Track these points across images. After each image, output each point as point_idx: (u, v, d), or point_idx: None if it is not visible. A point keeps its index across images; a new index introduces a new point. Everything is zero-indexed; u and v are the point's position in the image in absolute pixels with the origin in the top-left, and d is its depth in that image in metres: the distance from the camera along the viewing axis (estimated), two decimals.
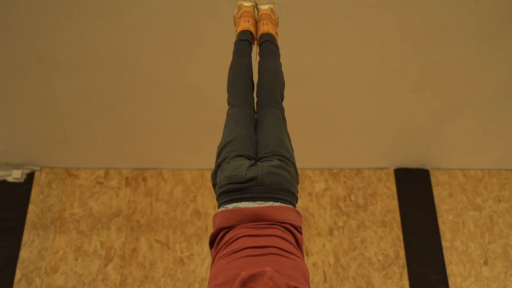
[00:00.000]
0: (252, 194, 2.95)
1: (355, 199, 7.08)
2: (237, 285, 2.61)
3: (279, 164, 3.04)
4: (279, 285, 2.61)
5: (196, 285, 6.58)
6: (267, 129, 3.23)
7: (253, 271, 2.64)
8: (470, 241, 6.84)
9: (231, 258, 2.79)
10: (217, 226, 2.95)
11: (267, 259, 2.77)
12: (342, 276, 6.64)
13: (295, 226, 2.96)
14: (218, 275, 2.76)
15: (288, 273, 2.72)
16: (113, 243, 6.80)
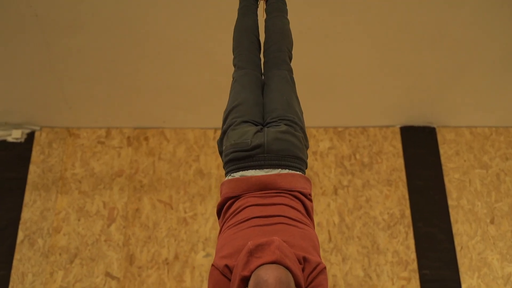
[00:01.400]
0: (259, 162, 2.85)
1: (360, 158, 6.98)
2: (243, 255, 2.53)
3: (286, 129, 2.92)
4: (287, 254, 2.53)
5: (200, 245, 6.53)
6: (275, 92, 3.10)
7: (260, 240, 2.56)
8: (476, 200, 6.76)
9: (238, 228, 2.71)
10: (224, 195, 2.86)
11: (275, 228, 2.69)
12: (347, 235, 6.58)
13: (304, 194, 2.87)
14: (224, 245, 2.68)
15: (297, 243, 2.64)
16: (115, 203, 6.73)
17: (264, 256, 2.51)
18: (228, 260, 2.59)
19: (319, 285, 2.60)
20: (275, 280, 2.40)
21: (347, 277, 6.37)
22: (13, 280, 6.34)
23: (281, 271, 2.45)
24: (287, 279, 2.44)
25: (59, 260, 6.45)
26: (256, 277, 2.44)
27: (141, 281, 6.36)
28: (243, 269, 2.50)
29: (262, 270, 2.45)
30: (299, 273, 2.52)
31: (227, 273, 2.57)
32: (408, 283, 6.36)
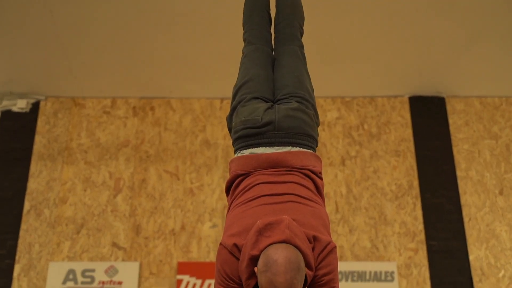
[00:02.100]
0: (269, 139, 2.79)
1: (368, 128, 6.91)
2: (252, 234, 2.49)
3: (297, 106, 2.85)
4: (297, 233, 2.49)
5: (206, 215, 6.51)
6: (285, 68, 3.02)
7: (269, 219, 2.51)
8: (485, 171, 6.70)
9: (247, 207, 2.66)
10: (233, 172, 2.80)
11: (285, 207, 2.63)
12: (354, 206, 6.55)
13: (315, 172, 2.82)
14: (233, 224, 2.63)
15: (307, 221, 2.59)
16: (121, 173, 6.70)
17: (274, 235, 2.47)
18: (237, 239, 2.54)
19: (329, 264, 2.56)
20: (285, 260, 2.36)
21: (354, 248, 6.36)
22: (20, 250, 6.34)
23: (291, 250, 2.41)
24: (297, 259, 2.39)
25: (66, 230, 6.45)
26: (265, 257, 2.40)
27: (148, 252, 6.36)
28: (252, 248, 2.46)
29: (271, 250, 2.41)
30: (309, 252, 2.48)
31: (236, 252, 2.53)
32: (415, 254, 6.34)
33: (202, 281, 6.20)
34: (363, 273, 6.25)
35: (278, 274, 2.34)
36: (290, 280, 2.35)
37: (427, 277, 6.24)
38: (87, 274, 6.25)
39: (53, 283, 6.20)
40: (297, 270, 2.37)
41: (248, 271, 2.48)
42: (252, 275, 2.48)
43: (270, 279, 2.35)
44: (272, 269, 2.35)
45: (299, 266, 2.38)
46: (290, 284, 2.35)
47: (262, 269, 2.38)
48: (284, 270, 2.35)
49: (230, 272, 2.54)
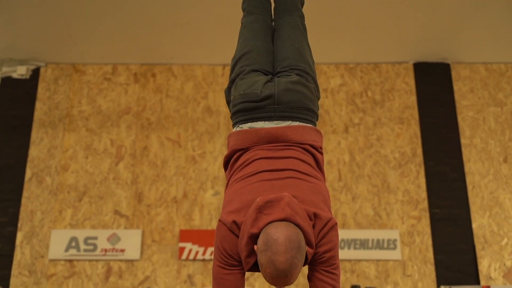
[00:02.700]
0: (269, 113, 2.72)
1: (372, 95, 6.83)
2: (252, 212, 2.45)
3: (297, 79, 2.78)
4: (297, 211, 2.44)
5: (208, 183, 6.48)
6: (286, 40, 2.93)
7: (269, 196, 2.46)
8: (490, 138, 6.64)
9: (246, 182, 2.61)
10: (231, 147, 2.74)
11: (285, 183, 2.58)
12: (357, 174, 6.51)
13: (315, 147, 2.75)
14: (232, 200, 2.59)
15: (307, 198, 2.54)
16: (123, 141, 6.66)
17: (274, 213, 2.42)
18: (236, 216, 2.50)
19: (330, 241, 2.52)
20: (285, 239, 2.32)
21: (356, 216, 6.34)
22: (22, 218, 6.34)
23: (291, 229, 2.36)
24: (298, 238, 2.35)
25: (68, 198, 6.43)
26: (265, 236, 2.36)
27: (150, 219, 6.35)
28: (252, 226, 2.42)
29: (271, 229, 2.36)
30: (309, 230, 2.44)
31: (235, 229, 2.49)
32: (418, 222, 6.32)
33: (205, 248, 6.20)
34: (365, 241, 6.24)
35: (278, 254, 2.30)
36: (291, 259, 2.31)
37: (429, 245, 6.23)
38: (90, 241, 6.25)
39: (55, 251, 6.21)
40: (298, 249, 2.33)
41: (248, 249, 2.44)
42: (251, 253, 2.44)
43: (271, 258, 2.31)
44: (273, 248, 2.31)
45: (299, 245, 2.34)
46: (291, 263, 2.31)
47: (262, 248, 2.34)
48: (285, 250, 2.31)
49: (230, 249, 2.50)
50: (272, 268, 2.32)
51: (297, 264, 2.34)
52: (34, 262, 6.19)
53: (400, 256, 6.19)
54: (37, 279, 6.13)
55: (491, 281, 6.08)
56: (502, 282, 6.08)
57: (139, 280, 6.13)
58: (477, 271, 6.11)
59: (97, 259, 6.21)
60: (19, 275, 6.14)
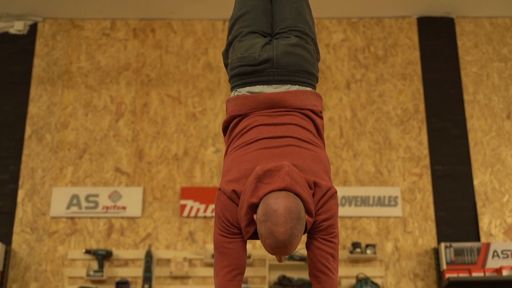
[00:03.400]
0: (267, 77, 2.66)
1: (375, 51, 6.73)
2: (252, 181, 2.42)
3: (297, 42, 2.70)
4: (297, 180, 2.41)
5: (209, 140, 6.45)
6: (284, 0, 2.84)
7: (269, 166, 2.42)
8: (493, 94, 6.57)
9: (245, 150, 2.57)
10: (230, 113, 2.69)
11: (284, 151, 2.54)
12: (359, 131, 6.47)
13: (315, 112, 2.70)
14: (231, 168, 2.55)
15: (307, 166, 2.50)
16: (123, 98, 6.60)
17: (273, 182, 2.39)
18: (236, 185, 2.47)
19: (329, 210, 2.49)
20: (285, 210, 2.30)
21: (358, 173, 6.32)
22: (23, 175, 6.34)
23: (291, 199, 2.34)
24: (297, 208, 2.33)
25: (68, 155, 6.42)
26: (265, 206, 2.33)
27: (151, 177, 6.35)
28: (251, 195, 2.39)
29: (271, 199, 2.33)
30: (309, 199, 2.41)
31: (235, 198, 2.46)
32: (419, 179, 6.31)
33: (206, 206, 6.21)
34: (366, 198, 6.24)
35: (278, 225, 2.28)
36: (291, 230, 2.29)
37: (430, 202, 6.24)
38: (91, 199, 6.26)
39: (57, 208, 6.22)
40: (298, 220, 2.31)
41: (247, 218, 2.42)
42: (251, 222, 2.42)
43: (270, 229, 2.29)
44: (272, 219, 2.29)
45: (299, 216, 2.32)
46: (291, 234, 2.29)
47: (261, 218, 2.32)
48: (284, 221, 2.28)
49: (230, 217, 2.48)
50: (272, 239, 2.31)
51: (297, 235, 2.33)
52: (36, 219, 6.21)
53: (401, 213, 6.20)
54: (39, 236, 6.16)
55: (491, 237, 6.10)
56: (502, 239, 6.10)
57: (141, 237, 6.16)
58: (478, 228, 6.12)
59: (99, 217, 6.23)
60: (21, 232, 6.17)
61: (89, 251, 6.02)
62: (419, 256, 6.07)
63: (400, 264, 6.05)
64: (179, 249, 6.12)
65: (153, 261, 6.01)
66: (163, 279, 6.02)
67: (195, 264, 6.07)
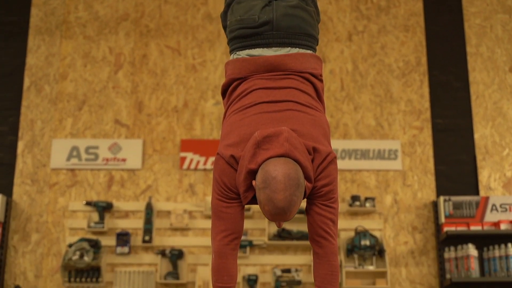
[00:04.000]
0: (267, 40, 2.61)
1: (377, 1, 6.62)
2: (250, 147, 2.40)
3: (297, 3, 2.64)
4: (296, 146, 2.39)
5: (209, 93, 6.41)
6: None
7: (268, 131, 2.40)
8: (496, 47, 6.50)
9: (244, 114, 2.54)
10: (229, 76, 2.65)
11: (284, 115, 2.51)
12: (360, 83, 6.42)
13: (315, 75, 2.66)
14: (230, 133, 2.53)
15: (306, 131, 2.48)
16: (122, 48, 6.53)
17: (272, 148, 2.37)
18: (234, 150, 2.45)
19: (328, 175, 2.48)
20: (284, 177, 2.29)
21: (358, 126, 6.30)
22: (22, 127, 6.32)
23: (290, 166, 2.32)
24: (296, 175, 2.32)
25: (67, 107, 6.38)
26: (264, 173, 2.32)
27: (151, 129, 6.33)
28: (250, 161, 2.38)
29: (270, 166, 2.32)
30: (308, 165, 2.40)
31: (233, 163, 2.45)
32: (420, 133, 6.29)
33: (206, 158, 6.22)
34: (366, 151, 6.24)
35: (277, 192, 2.28)
36: (290, 197, 2.29)
37: (430, 156, 6.23)
38: (91, 151, 6.26)
39: (57, 160, 6.23)
40: (297, 187, 2.31)
41: (246, 184, 2.41)
42: (249, 188, 2.42)
43: (269, 196, 2.29)
44: (271, 186, 2.28)
45: (298, 182, 2.31)
46: (290, 200, 2.29)
47: (260, 185, 2.31)
48: (284, 188, 2.28)
49: (229, 182, 2.47)
50: (271, 206, 2.31)
51: (296, 201, 2.33)
52: (36, 171, 6.22)
53: (401, 166, 6.20)
54: (40, 188, 6.18)
55: (490, 191, 6.12)
56: (501, 192, 6.12)
57: (141, 189, 6.18)
58: (477, 182, 6.14)
59: (99, 169, 6.24)
60: (22, 184, 6.19)
61: (90, 203, 6.05)
62: (418, 209, 6.10)
63: (398, 217, 6.09)
64: (179, 201, 6.15)
65: (154, 213, 6.05)
66: (163, 231, 6.07)
67: (195, 216, 6.11)
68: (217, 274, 2.49)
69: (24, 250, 6.02)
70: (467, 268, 5.66)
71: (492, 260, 5.72)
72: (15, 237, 6.05)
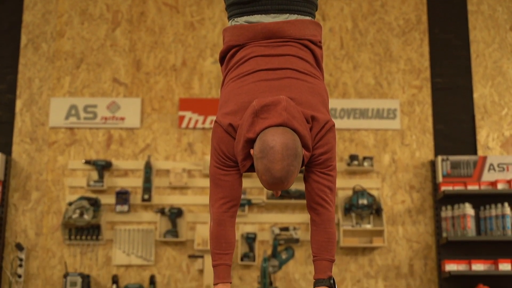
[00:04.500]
0: (265, 6, 2.58)
1: None
2: (248, 116, 2.40)
3: None
4: (294, 115, 2.39)
5: (208, 51, 6.36)
6: None
7: (266, 100, 2.40)
8: (498, 5, 6.43)
9: (243, 82, 2.53)
10: (227, 43, 2.63)
11: (282, 83, 2.50)
12: (360, 42, 6.37)
13: (314, 42, 2.64)
14: (228, 100, 2.52)
15: (305, 100, 2.47)
16: (119, 6, 6.45)
17: (270, 117, 2.37)
18: (232, 118, 2.45)
19: (327, 143, 2.49)
20: (282, 147, 2.29)
21: (357, 85, 6.28)
22: (20, 85, 6.30)
23: (288, 136, 2.32)
24: (294, 145, 2.32)
25: (65, 65, 6.35)
26: (262, 142, 2.32)
27: (149, 87, 6.31)
28: (248, 130, 2.38)
29: (268, 135, 2.32)
30: (306, 133, 2.40)
31: (231, 131, 2.45)
32: (419, 92, 6.28)
33: (204, 117, 6.21)
34: (365, 110, 6.23)
35: (275, 162, 2.28)
36: (287, 167, 2.30)
37: (429, 115, 6.23)
38: (89, 109, 6.25)
39: (55, 118, 6.23)
40: (294, 157, 2.31)
41: (244, 153, 2.42)
42: (247, 156, 2.42)
43: (267, 166, 2.29)
44: (269, 156, 2.29)
45: (296, 152, 2.31)
46: (287, 171, 2.30)
47: (258, 155, 2.32)
48: (281, 158, 2.28)
49: (227, 150, 2.48)
50: (269, 175, 2.32)
51: (293, 171, 2.33)
52: (35, 129, 6.22)
53: (399, 125, 6.20)
54: (39, 146, 6.19)
55: (488, 150, 6.14)
56: (499, 152, 6.14)
57: (140, 148, 6.20)
58: (475, 141, 6.15)
59: (98, 127, 6.24)
60: (21, 142, 6.20)
61: (89, 161, 6.07)
62: (416, 168, 6.13)
63: (396, 176, 6.12)
64: (178, 160, 6.17)
65: (153, 172, 6.08)
66: (162, 190, 6.11)
67: (194, 175, 6.14)
68: (216, 241, 2.52)
69: (24, 208, 6.06)
70: (463, 227, 5.72)
71: (488, 219, 5.78)
72: (15, 195, 6.09)
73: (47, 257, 5.98)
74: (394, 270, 5.95)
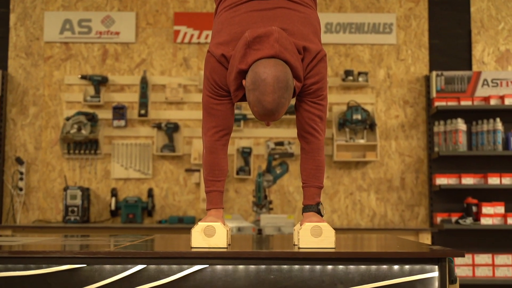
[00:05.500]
0: None
1: None
2: (241, 47, 2.42)
3: None
4: (286, 46, 2.41)
5: None
6: None
7: (258, 31, 2.41)
8: None
9: (235, 12, 2.54)
10: None
11: (274, 14, 2.51)
12: None
13: None
14: (221, 31, 2.54)
15: (297, 30, 2.49)
16: None
17: (263, 49, 2.39)
18: (225, 48, 2.47)
19: (318, 73, 2.52)
20: (273, 80, 2.32)
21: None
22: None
23: (280, 68, 2.35)
24: (285, 77, 2.35)
25: None
26: (253, 74, 2.35)
27: (143, 1, 6.26)
28: (240, 61, 2.41)
29: (260, 67, 2.35)
30: (298, 65, 2.43)
31: (224, 62, 2.48)
32: (416, 6, 6.23)
33: (200, 31, 6.19)
34: (361, 24, 6.20)
35: (266, 94, 2.32)
36: (278, 99, 2.34)
37: (425, 29, 6.21)
38: (84, 24, 6.21)
39: (50, 33, 6.19)
40: (285, 89, 2.35)
41: (236, 83, 2.46)
42: (240, 87, 2.46)
43: (258, 98, 2.34)
44: (260, 88, 2.33)
45: (287, 85, 2.35)
46: (278, 103, 2.34)
47: (250, 87, 2.35)
48: (273, 90, 2.32)
49: (219, 80, 2.52)
50: (260, 107, 2.36)
51: (284, 103, 2.37)
52: (30, 44, 6.21)
53: (395, 40, 6.19)
54: (35, 61, 6.19)
55: (483, 66, 6.16)
56: (494, 67, 6.16)
57: (136, 63, 6.20)
58: (471, 57, 6.16)
59: (93, 42, 6.22)
60: (16, 57, 6.20)
61: (85, 76, 6.09)
62: (410, 83, 6.17)
63: (391, 91, 6.17)
64: (174, 75, 6.19)
65: (149, 87, 6.11)
66: (158, 104, 6.16)
67: (189, 90, 6.18)
68: (209, 168, 2.61)
69: (22, 123, 6.14)
70: (455, 141, 5.82)
71: (480, 134, 5.86)
72: (13, 110, 6.14)
73: (47, 170, 6.11)
74: (386, 183, 6.09)
